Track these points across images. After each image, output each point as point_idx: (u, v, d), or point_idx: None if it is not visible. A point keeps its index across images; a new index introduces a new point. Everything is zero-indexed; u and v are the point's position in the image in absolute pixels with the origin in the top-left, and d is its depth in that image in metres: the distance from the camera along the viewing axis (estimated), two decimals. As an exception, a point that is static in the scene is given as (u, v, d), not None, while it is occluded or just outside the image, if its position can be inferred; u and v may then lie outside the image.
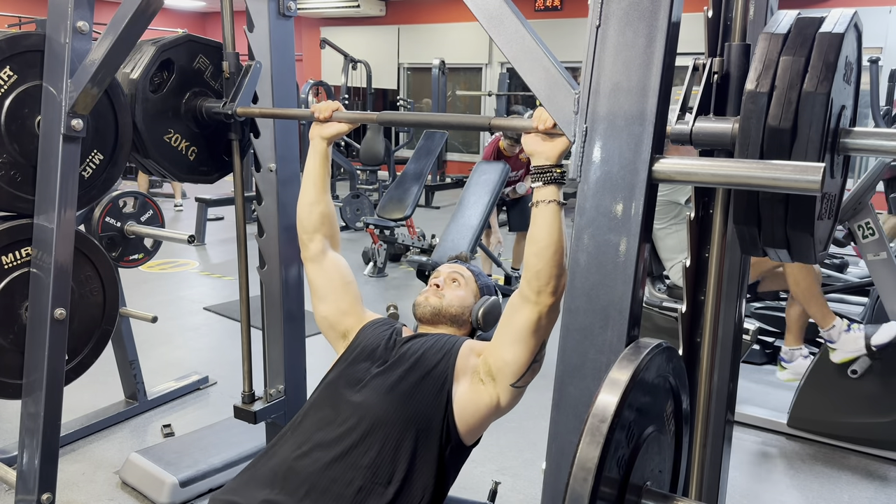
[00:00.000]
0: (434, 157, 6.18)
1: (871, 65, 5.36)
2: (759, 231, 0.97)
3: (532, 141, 1.40)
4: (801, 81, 0.93)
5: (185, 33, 2.08)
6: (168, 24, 11.70)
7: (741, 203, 0.99)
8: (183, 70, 2.05)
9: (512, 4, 1.26)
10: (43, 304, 1.88)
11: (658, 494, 0.90)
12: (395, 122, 1.64)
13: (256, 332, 2.16)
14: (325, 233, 1.79)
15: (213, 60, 2.11)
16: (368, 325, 1.75)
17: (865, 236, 2.79)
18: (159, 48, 1.99)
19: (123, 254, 3.02)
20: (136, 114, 1.99)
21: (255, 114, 2.01)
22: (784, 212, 0.94)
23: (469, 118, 1.81)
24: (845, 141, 1.02)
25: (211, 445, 2.77)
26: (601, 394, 0.81)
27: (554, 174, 1.38)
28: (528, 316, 1.42)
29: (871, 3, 8.32)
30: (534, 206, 1.40)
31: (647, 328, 3.15)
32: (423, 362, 1.57)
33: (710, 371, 1.23)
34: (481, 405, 1.52)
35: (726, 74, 1.13)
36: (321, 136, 1.77)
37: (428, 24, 11.56)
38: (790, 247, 0.98)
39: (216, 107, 2.05)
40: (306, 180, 1.81)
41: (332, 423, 1.50)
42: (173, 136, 2.07)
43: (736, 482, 2.69)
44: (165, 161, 2.06)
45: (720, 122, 1.08)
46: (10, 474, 2.05)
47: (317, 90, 9.39)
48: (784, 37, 0.99)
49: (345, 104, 9.18)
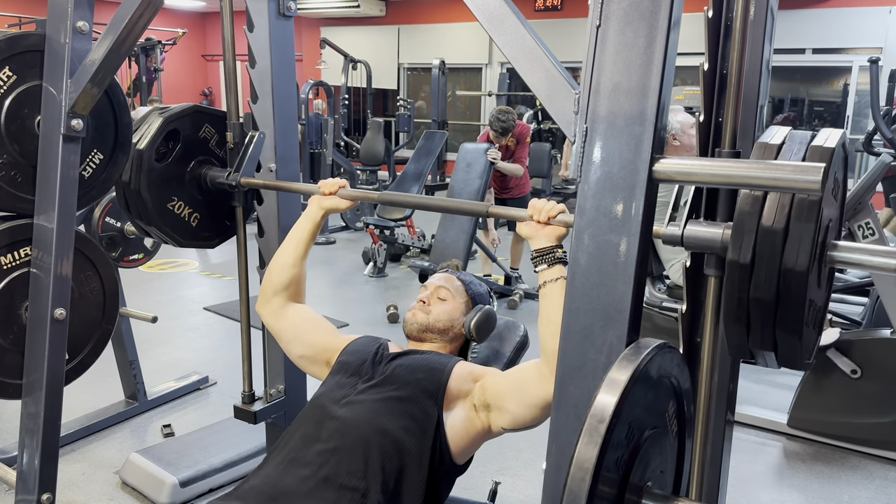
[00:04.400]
0: (434, 157, 6.19)
1: (872, 65, 5.36)
2: (748, 333, 1.00)
3: (529, 226, 1.42)
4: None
5: (192, 106, 2.07)
6: (168, 24, 11.70)
7: (731, 304, 1.01)
8: (188, 140, 2.06)
9: (512, 4, 1.26)
10: (43, 304, 1.88)
11: (658, 495, 0.90)
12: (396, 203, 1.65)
13: (256, 332, 2.16)
14: (290, 293, 1.78)
15: (219, 129, 2.12)
16: (351, 345, 1.72)
17: (865, 236, 2.79)
18: (166, 120, 1.99)
19: (123, 254, 3.03)
20: (141, 182, 1.99)
21: (259, 185, 2.03)
22: (773, 314, 0.96)
23: (467, 204, 1.78)
24: (832, 254, 1.04)
25: (211, 445, 2.77)
26: (600, 394, 0.81)
27: (556, 254, 1.40)
28: (545, 395, 1.41)
29: (871, 4, 8.32)
30: (542, 288, 1.41)
31: (647, 328, 3.14)
32: (412, 382, 1.54)
33: (710, 371, 1.22)
34: (472, 431, 1.52)
35: None
36: (320, 205, 1.77)
37: (428, 24, 11.55)
38: (777, 349, 1.00)
39: (220, 176, 2.06)
40: (290, 241, 1.80)
41: (318, 441, 1.47)
42: (177, 203, 2.08)
43: (736, 482, 2.69)
44: (168, 228, 2.08)
45: (711, 227, 1.11)
46: (10, 474, 2.05)
47: (317, 90, 9.39)
48: (778, 147, 1.02)
49: (345, 104, 9.21)
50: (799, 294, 0.93)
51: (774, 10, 1.26)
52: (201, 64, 14.84)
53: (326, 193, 1.76)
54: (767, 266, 0.95)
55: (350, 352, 1.68)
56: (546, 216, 1.39)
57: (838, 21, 8.53)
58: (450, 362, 1.59)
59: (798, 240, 0.93)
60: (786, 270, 0.93)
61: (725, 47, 1.19)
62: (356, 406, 1.51)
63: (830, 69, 9.12)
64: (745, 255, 0.97)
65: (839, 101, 9.09)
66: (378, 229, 5.87)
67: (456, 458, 1.52)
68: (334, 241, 7.14)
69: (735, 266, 0.98)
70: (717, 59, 1.19)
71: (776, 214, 0.95)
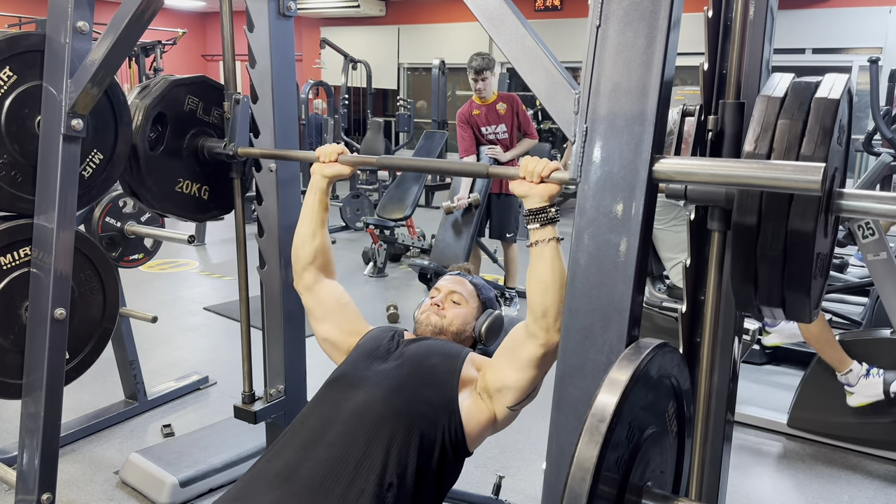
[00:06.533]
0: (434, 157, 6.18)
1: (872, 65, 5.36)
2: (756, 290, 0.99)
3: (522, 185, 1.42)
4: (799, 145, 0.95)
5: (169, 83, 2.05)
6: (168, 24, 11.69)
7: (739, 263, 1.00)
8: (176, 118, 2.05)
9: (512, 4, 1.26)
10: (43, 304, 1.88)
11: (658, 495, 0.90)
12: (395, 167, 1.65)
13: (256, 332, 2.16)
14: (318, 265, 1.80)
15: (201, 97, 2.11)
16: (369, 332, 1.75)
17: (865, 236, 2.79)
18: (148, 108, 1.99)
19: (123, 254, 3.03)
20: (143, 174, 2.00)
21: (256, 154, 2.02)
22: (781, 271, 0.95)
23: (468, 166, 1.76)
24: (838, 202, 1.03)
25: (211, 445, 2.77)
26: (600, 394, 0.81)
27: (549, 214, 1.40)
28: (535, 351, 1.43)
29: (871, 3, 8.33)
30: (533, 246, 1.42)
31: (647, 328, 3.14)
32: (428, 365, 1.57)
33: (710, 371, 1.22)
34: (482, 418, 1.54)
35: (720, 132, 1.14)
36: (322, 173, 1.77)
37: (428, 24, 11.56)
38: (786, 305, 1.00)
39: (218, 147, 2.07)
40: (304, 214, 1.80)
41: (336, 421, 1.49)
42: (183, 183, 2.09)
43: (736, 482, 2.69)
44: (181, 209, 2.10)
45: None
46: (10, 474, 2.05)
47: (317, 90, 9.40)
48: (781, 100, 1.01)
49: (345, 104, 9.21)
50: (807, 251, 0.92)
51: (774, 10, 1.26)
52: (201, 64, 14.84)
53: (326, 161, 1.76)
54: (774, 225, 0.93)
55: (368, 338, 1.71)
56: (538, 177, 1.38)
57: (838, 21, 8.53)
58: (463, 350, 1.64)
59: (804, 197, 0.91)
60: (792, 229, 0.91)
61: (725, 47, 1.19)
62: (373, 388, 1.54)
63: (830, 69, 9.08)
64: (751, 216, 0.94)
65: (839, 101, 9.08)
66: (378, 229, 5.87)
67: (469, 444, 1.54)
68: (334, 240, 7.09)
69: (741, 227, 0.96)
70: (717, 59, 1.20)
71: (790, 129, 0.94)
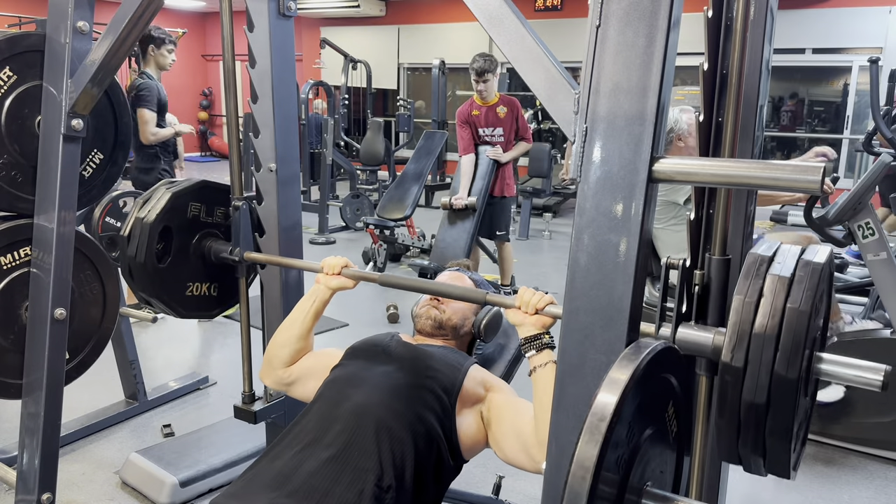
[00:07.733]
0: (434, 157, 6.18)
1: (872, 65, 5.36)
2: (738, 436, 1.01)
3: (517, 314, 1.44)
4: (786, 297, 0.96)
5: (169, 198, 1.99)
6: (168, 24, 11.68)
7: (723, 406, 1.02)
8: (180, 227, 2.03)
9: (512, 4, 1.26)
10: (43, 304, 1.88)
11: (658, 495, 0.90)
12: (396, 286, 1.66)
13: (256, 332, 2.16)
14: (297, 359, 1.79)
15: (203, 200, 2.09)
16: (361, 340, 1.75)
17: (865, 236, 2.79)
18: (152, 226, 1.94)
19: (123, 254, 3.02)
20: (154, 289, 1.98)
21: (261, 260, 2.02)
22: (764, 419, 0.97)
23: (467, 291, 1.74)
24: (818, 366, 1.04)
25: (211, 445, 2.77)
26: (600, 393, 0.81)
27: (544, 340, 1.43)
28: (532, 466, 1.46)
29: (871, 4, 8.33)
30: (532, 373, 1.44)
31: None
32: (428, 373, 1.57)
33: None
34: (479, 437, 1.57)
35: (706, 285, 1.19)
36: (327, 285, 1.77)
37: (428, 24, 11.55)
38: (766, 455, 1.02)
39: (224, 251, 2.07)
40: (295, 318, 1.78)
41: (334, 422, 1.49)
42: (193, 286, 2.08)
43: (736, 482, 2.69)
44: (193, 310, 2.10)
45: (702, 332, 1.13)
46: (10, 474, 2.05)
47: (317, 90, 9.39)
48: (769, 260, 1.03)
49: (345, 104, 9.21)
50: (789, 401, 0.94)
51: (774, 9, 1.26)
52: (201, 64, 14.85)
53: (330, 273, 1.77)
54: (760, 372, 0.95)
55: (362, 342, 1.71)
56: (533, 309, 1.42)
57: (838, 21, 8.53)
58: (466, 362, 1.64)
59: (790, 347, 0.94)
60: (777, 377, 0.94)
61: (725, 47, 1.19)
62: (372, 388, 1.54)
63: (830, 69, 9.12)
64: (738, 360, 0.97)
65: (839, 101, 9.09)
66: (378, 229, 5.87)
67: (465, 453, 1.56)
68: (334, 241, 7.14)
69: (729, 369, 0.98)
70: (717, 59, 1.20)
71: (768, 321, 0.95)
